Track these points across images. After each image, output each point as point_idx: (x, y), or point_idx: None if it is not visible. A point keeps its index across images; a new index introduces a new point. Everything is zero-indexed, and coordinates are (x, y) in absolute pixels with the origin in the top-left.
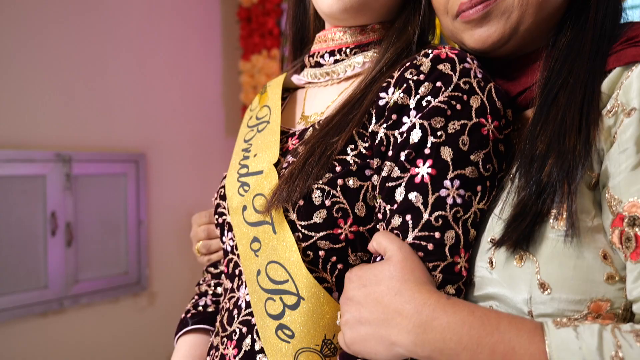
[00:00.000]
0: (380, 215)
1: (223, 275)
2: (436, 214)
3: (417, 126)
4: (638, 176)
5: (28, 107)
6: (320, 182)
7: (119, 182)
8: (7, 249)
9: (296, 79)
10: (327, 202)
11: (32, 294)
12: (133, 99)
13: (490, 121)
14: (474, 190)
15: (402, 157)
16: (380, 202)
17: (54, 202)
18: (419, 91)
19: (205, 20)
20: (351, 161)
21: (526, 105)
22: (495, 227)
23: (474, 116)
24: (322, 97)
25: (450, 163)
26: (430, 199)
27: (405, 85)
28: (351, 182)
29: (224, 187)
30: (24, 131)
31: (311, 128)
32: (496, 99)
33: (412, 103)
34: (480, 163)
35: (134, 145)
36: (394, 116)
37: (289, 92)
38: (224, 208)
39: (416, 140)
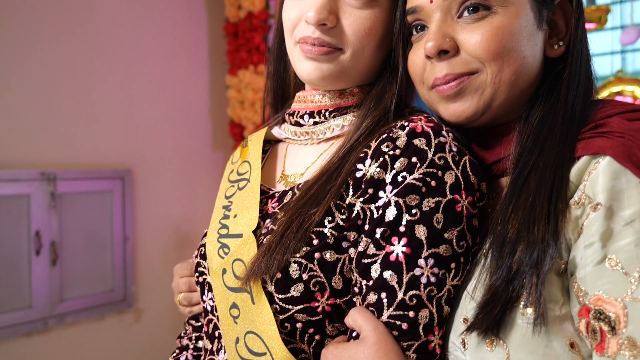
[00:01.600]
0: (356, 289)
1: (203, 332)
2: (410, 293)
3: (393, 203)
4: (603, 271)
5: (11, 125)
6: (298, 255)
7: (105, 199)
8: None
9: (277, 133)
10: (305, 276)
11: (16, 314)
12: (119, 114)
13: (464, 197)
14: (448, 268)
15: (378, 235)
16: (356, 277)
17: (38, 221)
18: (395, 166)
19: (193, 35)
20: (328, 234)
21: (501, 174)
22: (467, 306)
23: (448, 193)
24: (302, 157)
25: (425, 242)
26: (405, 278)
27: (381, 159)
28: (328, 255)
29: (204, 245)
30: (7, 150)
31: (290, 192)
32: (470, 174)
33: (388, 178)
34: (454, 240)
35: (120, 161)
36: (370, 190)
37: (270, 144)
38: (204, 268)
39: (391, 218)
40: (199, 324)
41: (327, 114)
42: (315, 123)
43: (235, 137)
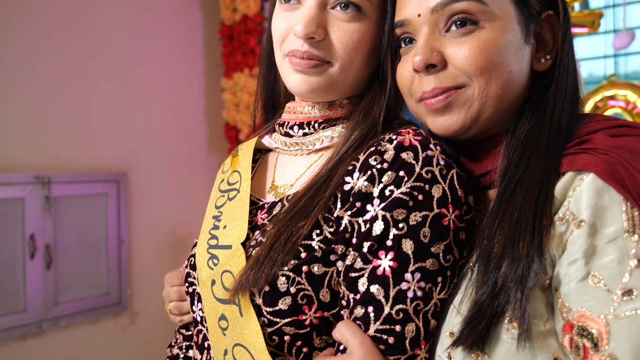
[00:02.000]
0: (344, 302)
1: (193, 342)
2: (397, 307)
3: (380, 217)
4: (586, 288)
5: (6, 129)
6: (286, 268)
7: (100, 202)
8: None
9: (267, 142)
10: (292, 289)
11: (11, 318)
12: (114, 117)
13: (451, 211)
14: (435, 282)
15: (365, 248)
16: (344, 290)
17: (32, 225)
18: (383, 180)
19: (188, 37)
20: (316, 247)
21: (489, 186)
22: (454, 319)
23: (435, 207)
24: (292, 167)
25: (411, 256)
26: (392, 292)
27: (369, 172)
28: (316, 268)
29: (194, 255)
30: (1, 154)
31: (280, 203)
32: (458, 187)
33: (375, 192)
34: (441, 254)
35: (115, 164)
36: (358, 204)
37: (261, 153)
38: (194, 278)
39: (378, 233)
40: (190, 333)
41: (316, 125)
42: (305, 134)
43: (231, 140)
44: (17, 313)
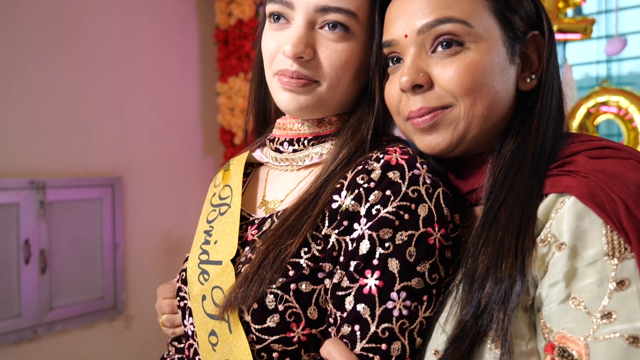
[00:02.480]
0: (331, 320)
1: (184, 356)
2: (383, 326)
3: (366, 237)
4: (567, 310)
5: (0, 134)
6: (274, 286)
7: (95, 206)
8: None
9: (259, 156)
10: (280, 307)
11: (5, 323)
12: (109, 121)
13: (437, 229)
14: (420, 300)
15: (352, 267)
16: (331, 308)
17: (27, 230)
18: (369, 199)
19: (183, 42)
20: (304, 264)
21: (475, 203)
22: (439, 338)
23: (421, 226)
24: (282, 183)
25: (397, 275)
26: (378, 311)
27: (356, 191)
28: (304, 286)
29: (185, 270)
30: None
31: (269, 220)
32: (443, 206)
33: (362, 210)
34: (427, 273)
35: (110, 168)
36: (345, 222)
37: (252, 166)
38: (185, 293)
39: (365, 252)
40: (182, 345)
41: (305, 142)
42: (295, 151)
43: (226, 144)
44: (11, 318)
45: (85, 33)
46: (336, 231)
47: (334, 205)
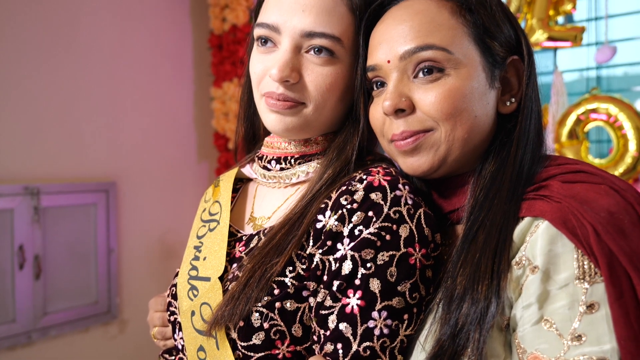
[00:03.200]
0: (315, 338)
1: None
2: (364, 344)
3: (349, 257)
4: (540, 331)
5: None
6: (259, 305)
7: (89, 212)
8: None
9: (248, 172)
10: (266, 325)
11: (0, 329)
12: (103, 127)
13: (417, 250)
14: (401, 319)
15: (335, 287)
16: (315, 326)
17: (21, 236)
18: (352, 220)
19: (177, 47)
20: (289, 283)
21: (457, 221)
22: (419, 356)
23: (402, 246)
24: (270, 199)
25: (379, 295)
26: (359, 330)
27: (340, 212)
28: (288, 304)
29: (175, 285)
30: None
31: (257, 236)
32: (425, 226)
33: (345, 231)
34: (407, 293)
35: (105, 174)
36: (329, 242)
37: (242, 182)
38: (175, 307)
39: (347, 272)
40: (173, 358)
41: (292, 160)
42: (282, 169)
43: (220, 149)
44: (5, 323)
45: (79, 39)
46: (320, 251)
47: (319, 225)
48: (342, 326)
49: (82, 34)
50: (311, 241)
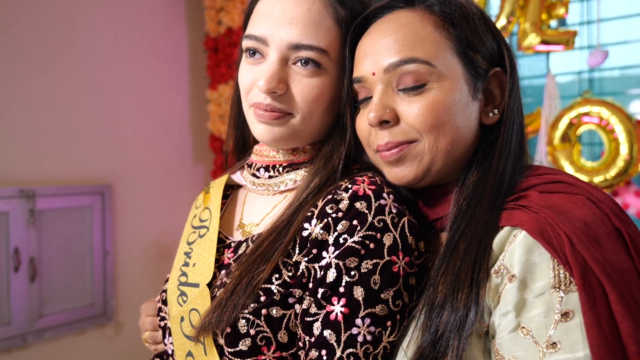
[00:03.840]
0: (300, 344)
1: None
2: (348, 351)
3: (333, 265)
4: (517, 338)
5: None
6: (246, 311)
7: (85, 214)
8: None
9: (238, 179)
10: (252, 331)
11: None
12: (99, 129)
13: (401, 258)
14: (384, 326)
15: (319, 294)
16: (300, 332)
17: (17, 238)
18: (337, 228)
19: (173, 49)
20: (275, 290)
21: (442, 229)
22: None
23: (385, 254)
24: (258, 206)
25: (362, 302)
26: (343, 337)
27: (325, 220)
28: (274, 311)
29: (165, 291)
30: None
31: (245, 243)
32: (408, 234)
33: (330, 239)
34: (390, 300)
35: (100, 176)
36: (314, 250)
37: (232, 188)
38: (165, 313)
39: (332, 280)
40: None
41: (280, 168)
42: (270, 177)
43: (216, 151)
44: (1, 326)
45: (75, 41)
46: (306, 259)
47: (305, 233)
48: (327, 333)
49: (78, 37)
50: (297, 249)
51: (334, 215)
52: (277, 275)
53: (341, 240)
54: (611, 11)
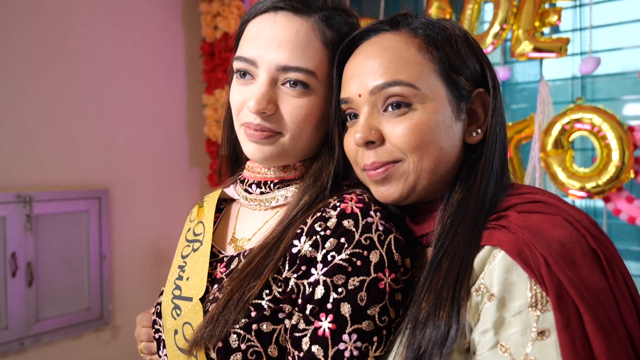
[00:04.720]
0: (290, 358)
1: None
2: None
3: (321, 282)
4: (496, 355)
5: None
6: (237, 326)
7: (81, 219)
8: None
9: (231, 193)
10: (243, 346)
11: None
12: (96, 134)
13: (387, 274)
14: (371, 341)
15: (308, 311)
16: (289, 347)
17: (14, 243)
18: (325, 246)
19: (170, 54)
20: (265, 306)
21: (428, 245)
22: None
23: (372, 271)
24: (250, 221)
25: (349, 318)
26: (330, 352)
27: (314, 238)
28: (265, 326)
29: (160, 304)
30: None
31: (237, 258)
32: (394, 251)
33: (319, 256)
34: (377, 316)
35: (97, 181)
36: (303, 267)
37: (226, 202)
38: (160, 326)
39: (320, 296)
40: None
41: (272, 185)
42: (262, 193)
43: (212, 155)
44: None
45: (72, 46)
46: (295, 275)
47: (294, 250)
48: (315, 348)
49: (75, 41)
50: (287, 265)
51: (322, 232)
52: (267, 291)
53: (329, 258)
54: (603, 18)
